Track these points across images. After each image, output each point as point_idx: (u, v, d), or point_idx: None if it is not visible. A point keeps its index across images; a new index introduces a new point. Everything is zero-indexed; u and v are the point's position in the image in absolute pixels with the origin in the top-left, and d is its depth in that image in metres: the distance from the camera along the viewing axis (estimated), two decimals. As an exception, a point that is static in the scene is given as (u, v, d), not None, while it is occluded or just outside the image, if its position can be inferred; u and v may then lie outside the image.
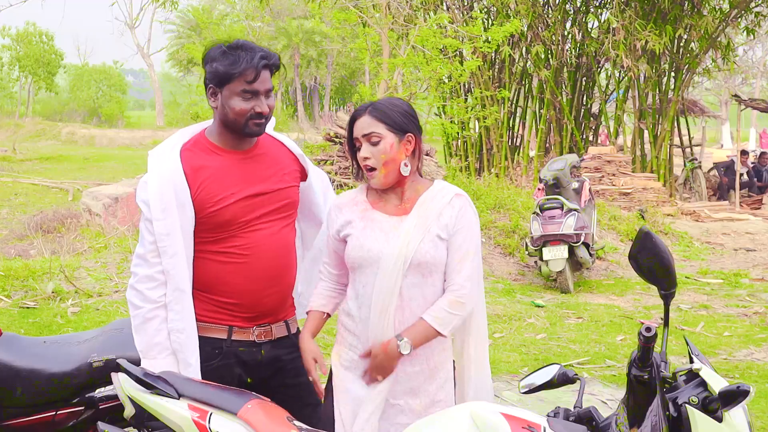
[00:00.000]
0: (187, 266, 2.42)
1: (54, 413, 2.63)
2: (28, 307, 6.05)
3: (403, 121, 2.31)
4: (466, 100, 14.02)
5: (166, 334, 2.42)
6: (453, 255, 2.30)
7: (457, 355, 2.43)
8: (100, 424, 2.36)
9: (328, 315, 2.50)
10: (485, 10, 15.07)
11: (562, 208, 7.77)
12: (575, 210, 7.78)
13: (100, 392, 2.66)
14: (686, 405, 1.85)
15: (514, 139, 16.04)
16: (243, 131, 2.41)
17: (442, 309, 2.27)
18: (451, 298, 2.28)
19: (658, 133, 14.82)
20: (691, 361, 1.96)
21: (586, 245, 7.80)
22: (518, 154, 15.85)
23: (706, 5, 14.39)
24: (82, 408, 2.65)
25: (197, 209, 2.39)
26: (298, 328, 2.60)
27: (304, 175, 2.62)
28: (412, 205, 2.34)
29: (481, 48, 10.78)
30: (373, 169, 2.31)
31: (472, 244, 2.33)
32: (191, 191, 2.38)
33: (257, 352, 2.49)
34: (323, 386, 2.46)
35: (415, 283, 2.29)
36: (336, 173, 10.21)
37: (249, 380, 2.54)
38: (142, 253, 2.45)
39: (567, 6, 14.89)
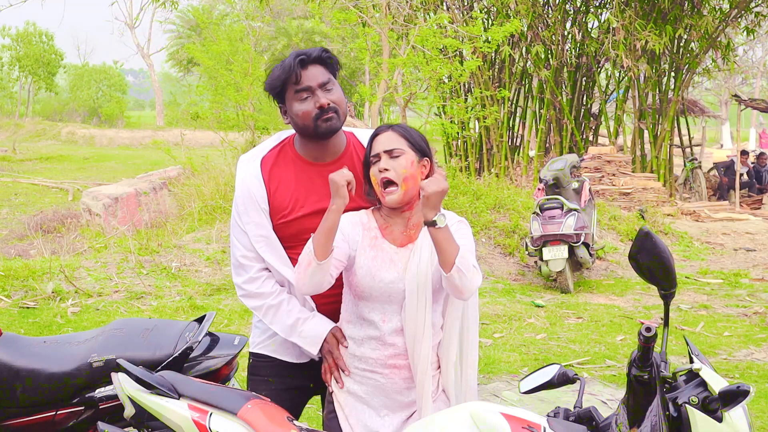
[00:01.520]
0: (287, 263, 2.45)
1: (54, 413, 2.63)
2: (28, 307, 6.05)
3: (423, 145, 2.34)
4: (466, 100, 14.02)
5: (298, 310, 2.44)
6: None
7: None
8: (100, 424, 2.36)
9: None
10: (485, 10, 15.07)
11: (562, 208, 7.77)
12: (575, 210, 7.78)
13: (100, 392, 2.65)
14: (686, 405, 1.85)
15: (514, 139, 16.04)
16: (317, 133, 2.38)
17: (469, 259, 2.20)
18: (471, 263, 2.21)
19: (658, 133, 14.82)
20: (691, 361, 1.96)
21: (586, 245, 7.80)
22: (518, 154, 15.85)
23: (706, 5, 14.39)
24: (82, 408, 2.65)
25: (271, 216, 2.44)
26: None
27: None
28: (417, 231, 2.35)
29: (481, 48, 10.78)
30: (390, 183, 2.29)
31: (472, 245, 2.34)
32: (268, 197, 2.43)
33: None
34: None
35: (434, 309, 2.33)
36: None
37: (311, 385, 2.57)
38: (235, 262, 2.50)
39: (567, 6, 14.89)
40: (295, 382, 2.54)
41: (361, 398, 2.36)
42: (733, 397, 1.78)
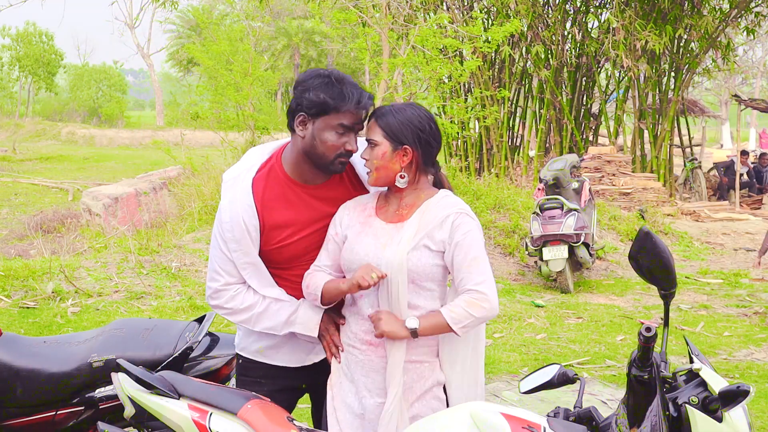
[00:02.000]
0: (272, 284, 2.44)
1: (54, 413, 2.63)
2: (28, 307, 6.05)
3: (403, 133, 2.29)
4: (466, 100, 14.01)
5: (287, 306, 2.42)
6: (460, 263, 2.27)
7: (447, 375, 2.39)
8: (100, 424, 2.36)
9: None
10: (485, 10, 15.07)
11: (562, 208, 7.77)
12: (575, 210, 7.78)
13: (100, 392, 2.66)
14: (686, 405, 1.85)
15: (514, 139, 16.04)
16: (328, 168, 2.34)
17: (459, 306, 2.23)
18: (467, 298, 2.24)
19: (658, 133, 14.82)
20: (691, 361, 1.96)
21: (586, 245, 7.80)
22: (518, 154, 15.85)
23: (706, 5, 14.39)
24: (82, 408, 2.65)
25: (262, 243, 2.39)
26: None
27: None
28: (410, 212, 2.34)
29: (481, 48, 10.78)
30: (369, 170, 2.36)
31: (479, 251, 2.30)
32: (260, 224, 2.36)
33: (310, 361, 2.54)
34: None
35: (414, 290, 2.30)
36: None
37: (303, 386, 2.57)
38: (213, 287, 2.43)
39: (567, 6, 14.88)
40: (286, 383, 2.53)
41: (347, 374, 2.38)
42: (733, 397, 1.78)
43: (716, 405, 1.81)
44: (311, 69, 2.40)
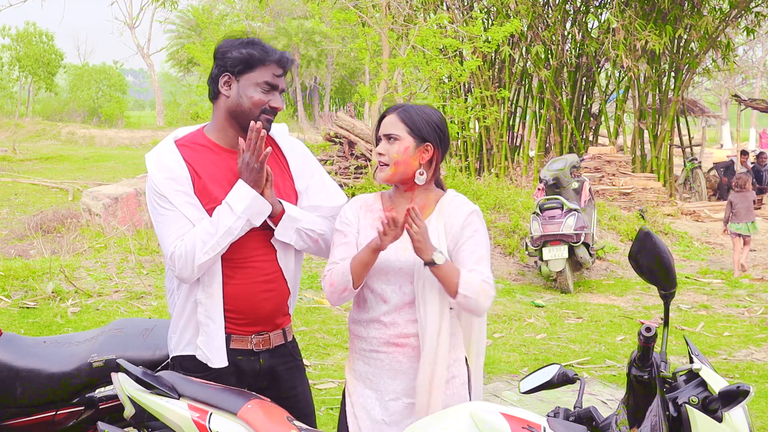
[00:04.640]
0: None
1: (54, 413, 2.62)
2: (28, 307, 6.05)
3: (426, 129, 2.35)
4: (466, 100, 14.01)
5: (208, 220, 2.32)
6: (466, 258, 2.32)
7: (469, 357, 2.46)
8: (100, 424, 2.36)
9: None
10: (485, 10, 15.08)
11: (562, 208, 7.77)
12: (575, 210, 7.78)
13: (100, 392, 2.65)
14: (686, 405, 1.85)
15: (514, 139, 16.05)
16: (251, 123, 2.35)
17: (476, 279, 2.27)
18: (482, 283, 2.28)
19: (658, 133, 14.82)
20: (691, 361, 1.96)
21: (586, 245, 7.80)
22: (518, 154, 15.86)
23: (706, 5, 14.40)
24: (82, 408, 2.65)
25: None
26: (293, 337, 2.58)
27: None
28: (423, 213, 2.37)
29: (481, 48, 10.79)
30: (385, 165, 2.35)
31: (485, 251, 2.37)
32: (192, 181, 2.33)
33: (255, 361, 2.45)
34: None
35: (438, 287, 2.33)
36: (336, 173, 10.22)
37: (245, 388, 2.52)
38: (172, 257, 2.38)
39: (567, 6, 14.89)
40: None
41: (369, 381, 2.38)
42: (733, 397, 1.78)
43: (716, 405, 1.81)
44: (227, 39, 2.41)
